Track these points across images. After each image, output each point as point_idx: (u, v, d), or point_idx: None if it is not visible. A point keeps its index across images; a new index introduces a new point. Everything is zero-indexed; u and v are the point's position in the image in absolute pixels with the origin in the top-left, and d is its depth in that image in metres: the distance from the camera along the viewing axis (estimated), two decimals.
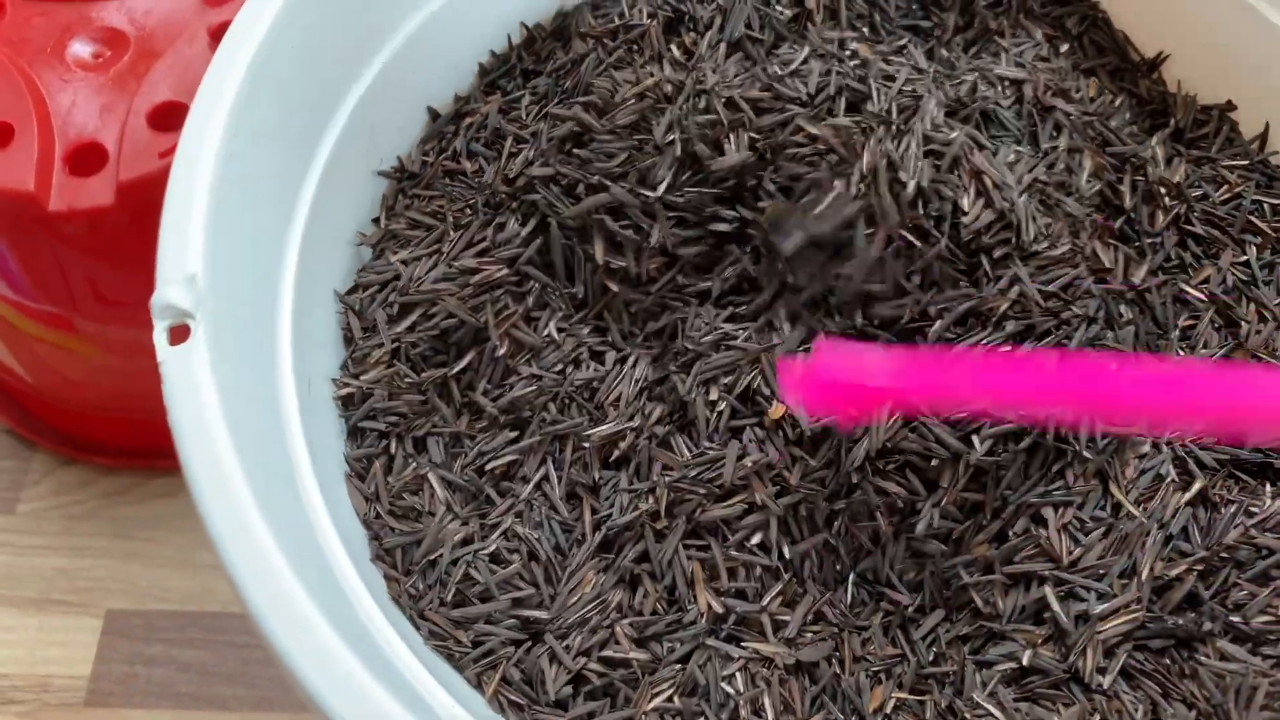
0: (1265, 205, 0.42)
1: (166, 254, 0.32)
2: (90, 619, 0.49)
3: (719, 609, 0.35)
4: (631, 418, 0.38)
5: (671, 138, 0.38)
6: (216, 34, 0.47)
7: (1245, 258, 0.41)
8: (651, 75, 0.41)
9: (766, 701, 0.34)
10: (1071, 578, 0.35)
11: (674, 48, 0.44)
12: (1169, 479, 0.36)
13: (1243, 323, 0.39)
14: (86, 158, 0.45)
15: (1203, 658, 0.34)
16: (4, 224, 0.45)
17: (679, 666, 0.35)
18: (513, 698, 0.35)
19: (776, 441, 0.36)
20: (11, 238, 0.46)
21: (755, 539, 0.36)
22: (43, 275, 0.47)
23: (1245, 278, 0.41)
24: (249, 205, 0.35)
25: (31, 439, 0.54)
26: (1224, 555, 0.35)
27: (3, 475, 0.53)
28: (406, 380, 0.39)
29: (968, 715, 0.34)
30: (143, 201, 0.44)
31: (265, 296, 0.36)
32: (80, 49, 0.47)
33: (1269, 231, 0.41)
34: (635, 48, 0.44)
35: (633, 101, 0.40)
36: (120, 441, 0.54)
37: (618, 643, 0.36)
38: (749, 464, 0.36)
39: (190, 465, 0.30)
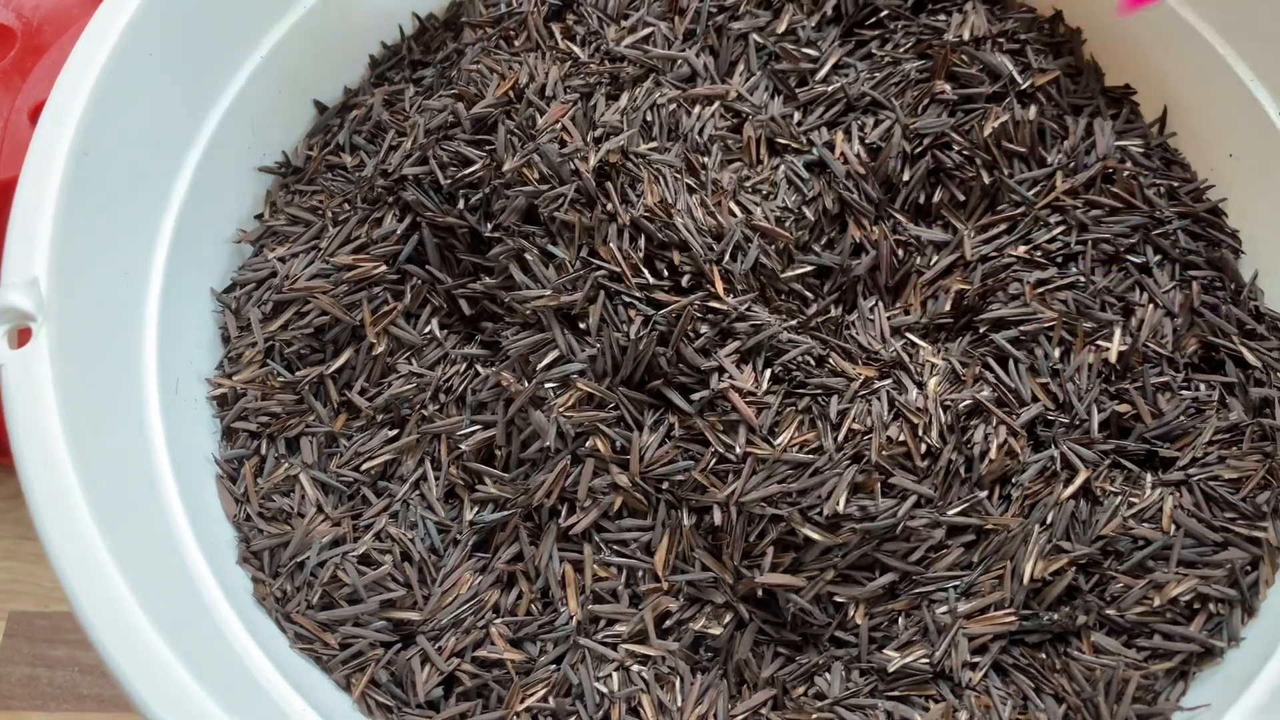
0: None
1: (11, 257, 0.31)
2: None
3: (586, 613, 0.35)
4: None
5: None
6: None
7: None
8: (522, 67, 0.40)
9: (644, 700, 0.34)
10: (940, 577, 0.34)
11: (558, 34, 0.43)
12: (1054, 472, 0.36)
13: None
14: None
15: (1076, 652, 0.34)
16: None
17: (553, 667, 0.35)
18: (380, 699, 0.34)
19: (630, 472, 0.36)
20: None
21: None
22: None
23: None
24: (107, 205, 0.35)
25: None
26: (1104, 548, 0.35)
27: None
28: (280, 380, 0.38)
29: (841, 710, 0.34)
30: None
31: (127, 296, 0.35)
32: None
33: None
34: (514, 35, 0.43)
35: (497, 99, 0.39)
36: None
37: (492, 643, 0.35)
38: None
39: (24, 467, 0.29)
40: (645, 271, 0.37)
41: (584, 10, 0.43)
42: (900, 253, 0.41)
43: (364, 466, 0.38)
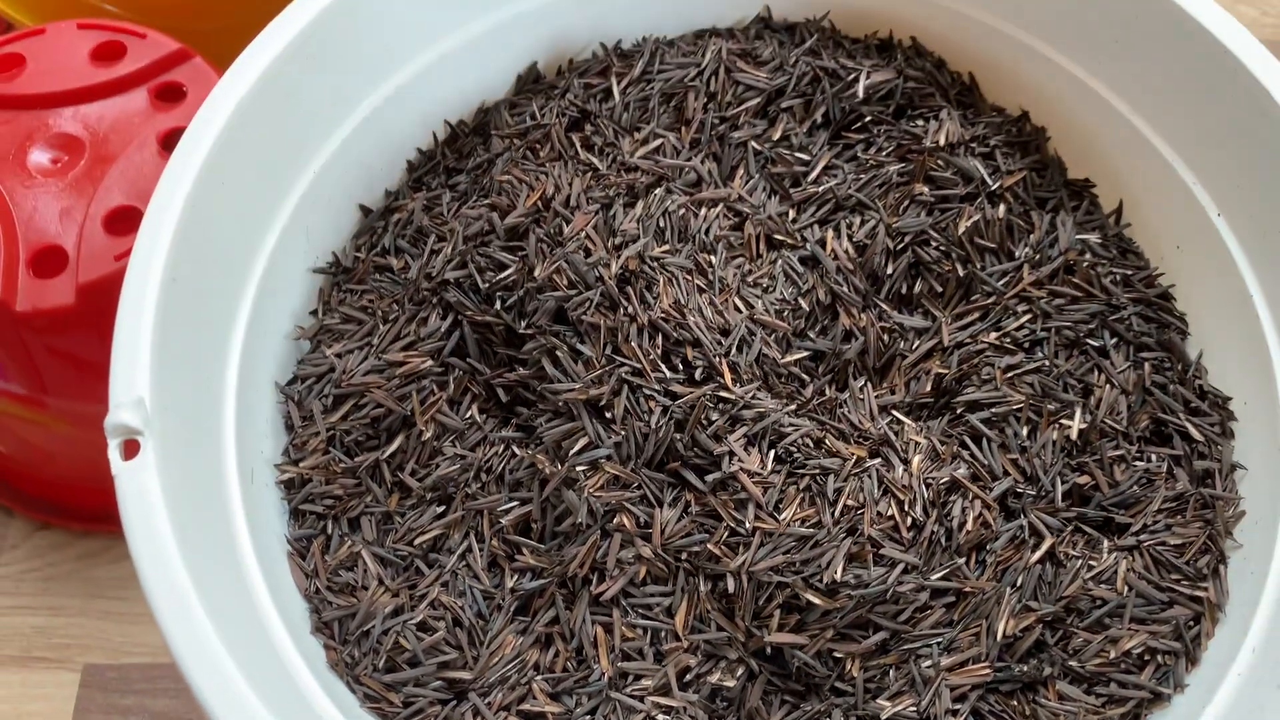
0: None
1: (117, 379, 0.36)
2: (69, 673, 0.54)
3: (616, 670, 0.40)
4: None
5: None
6: (165, 140, 0.51)
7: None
8: (548, 178, 0.45)
9: None
10: (925, 635, 0.39)
11: (578, 145, 0.48)
12: (1023, 539, 0.41)
13: None
14: (48, 260, 0.49)
15: (1043, 699, 0.39)
16: None
17: (588, 718, 0.40)
18: None
19: (653, 544, 0.41)
20: None
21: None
22: (11, 362, 0.52)
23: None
24: (193, 321, 0.40)
25: (8, 506, 0.58)
26: (1066, 607, 0.40)
27: None
28: (341, 466, 0.43)
29: None
30: (101, 300, 0.48)
31: (209, 400, 0.40)
32: (40, 156, 0.51)
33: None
34: (539, 146, 0.48)
35: (528, 209, 0.45)
36: (91, 507, 0.58)
37: (534, 698, 0.40)
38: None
39: (141, 564, 0.34)
40: (663, 366, 0.42)
41: (600, 122, 0.49)
42: (886, 338, 0.46)
43: (416, 541, 0.43)
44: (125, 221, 0.49)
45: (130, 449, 0.36)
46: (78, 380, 0.52)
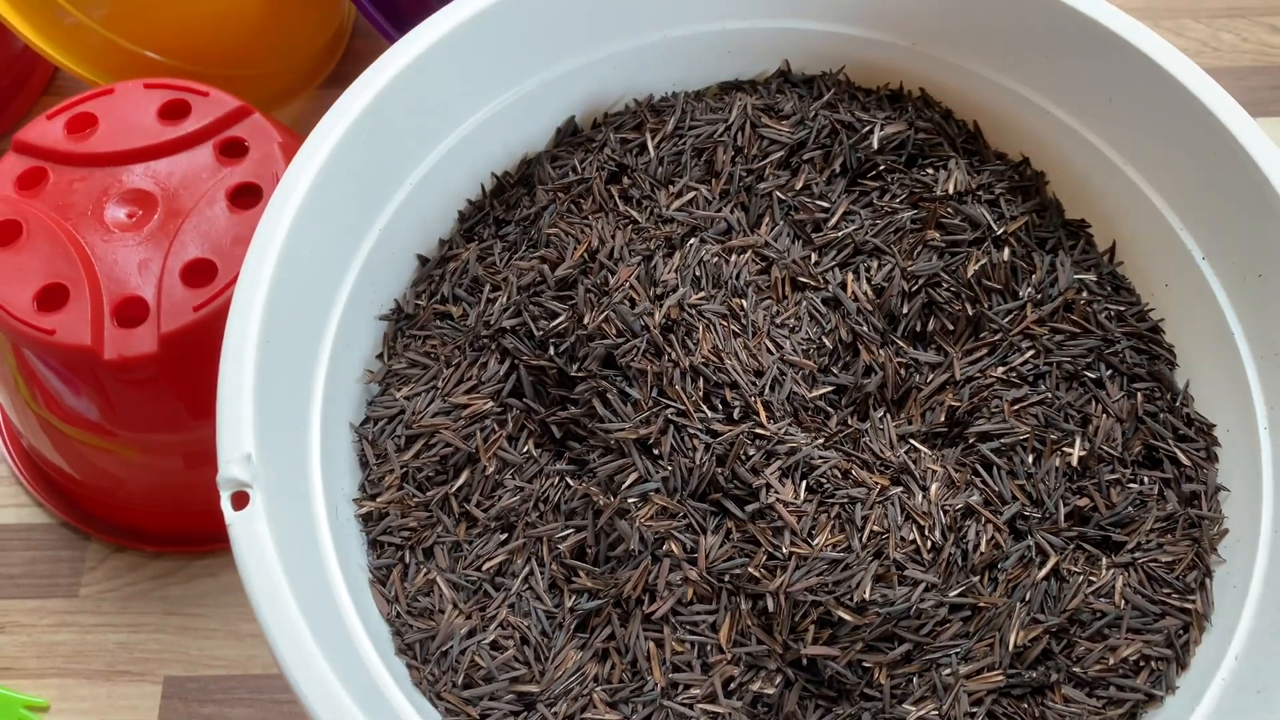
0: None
1: (225, 437, 0.41)
2: (151, 685, 0.58)
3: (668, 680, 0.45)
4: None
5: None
6: (233, 194, 0.55)
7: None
8: (593, 231, 0.50)
9: None
10: (944, 646, 0.44)
11: (616, 197, 0.52)
12: (1030, 558, 0.46)
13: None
14: (130, 310, 0.53)
15: (1050, 702, 0.44)
16: (66, 367, 0.54)
17: None
18: None
19: (699, 568, 0.45)
20: (71, 377, 0.54)
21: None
22: (89, 398, 0.56)
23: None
24: (284, 376, 0.44)
25: (86, 531, 0.62)
26: (1070, 619, 0.45)
27: (64, 564, 0.61)
28: (415, 500, 0.48)
29: None
30: (182, 349, 0.52)
31: (299, 446, 0.45)
32: (115, 211, 0.55)
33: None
34: (582, 199, 0.53)
35: (575, 261, 0.49)
36: (163, 530, 0.62)
37: (595, 707, 0.45)
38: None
39: (259, 605, 0.38)
40: (704, 407, 0.47)
41: (637, 175, 0.53)
42: (902, 372, 0.50)
43: (484, 567, 0.47)
44: (201, 274, 0.53)
45: (239, 499, 0.40)
46: (147, 414, 0.57)
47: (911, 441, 0.49)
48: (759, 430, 0.46)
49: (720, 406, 0.47)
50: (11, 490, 0.64)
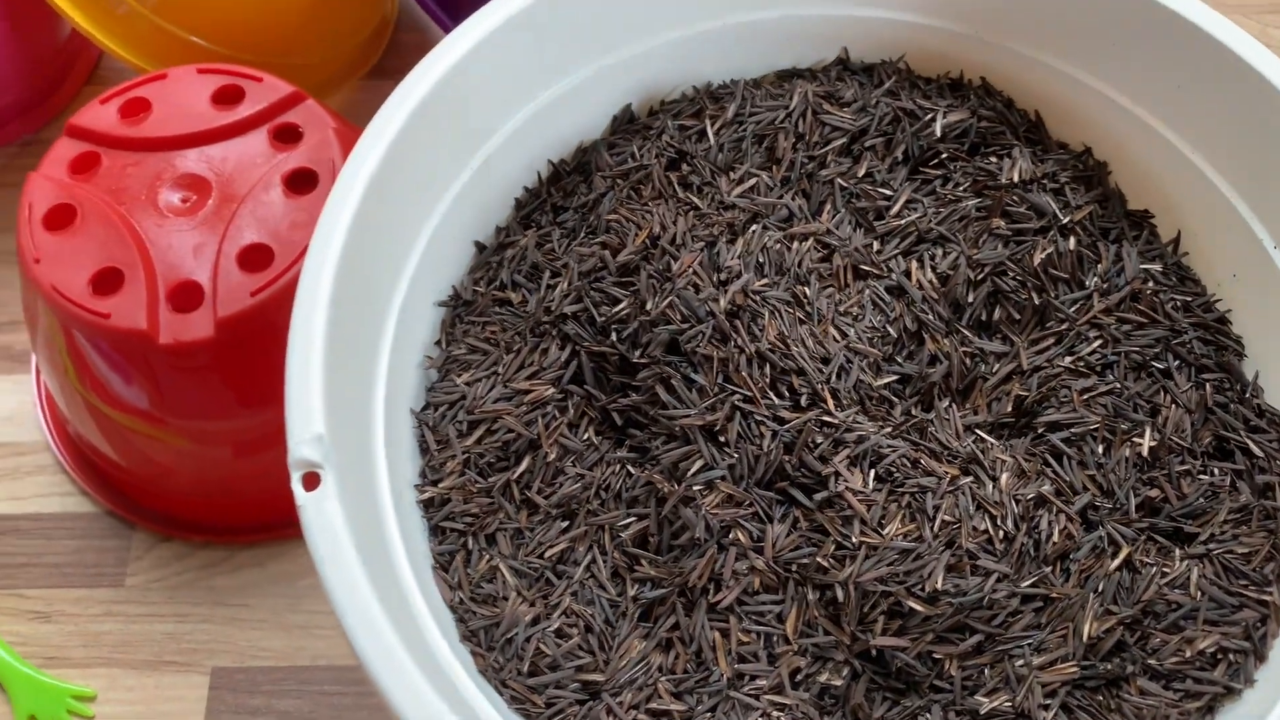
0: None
1: (295, 418, 0.40)
2: (198, 676, 0.58)
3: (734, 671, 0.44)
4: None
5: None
6: (289, 180, 0.55)
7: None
8: (654, 217, 0.49)
9: None
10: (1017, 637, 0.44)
11: (676, 184, 0.52)
12: (1102, 549, 0.45)
13: None
14: (185, 295, 0.52)
15: (1126, 694, 0.43)
16: (121, 351, 0.53)
17: (709, 715, 0.44)
18: None
19: (765, 557, 0.44)
20: (123, 362, 0.54)
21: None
22: (140, 384, 0.55)
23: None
24: (350, 360, 0.43)
25: (132, 520, 0.62)
26: (1144, 610, 0.44)
27: (109, 554, 0.61)
28: (477, 486, 0.47)
29: None
30: (238, 333, 0.52)
31: (364, 431, 0.44)
32: (170, 195, 0.55)
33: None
34: (642, 186, 0.52)
35: (637, 247, 0.48)
36: (209, 520, 0.62)
37: (660, 697, 0.44)
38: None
39: (332, 587, 0.38)
40: (771, 394, 0.46)
41: (697, 162, 0.52)
42: (968, 362, 0.50)
43: (546, 554, 0.47)
44: (258, 259, 0.53)
45: (310, 480, 0.40)
46: (198, 401, 0.56)
47: (978, 432, 0.48)
48: (826, 418, 0.46)
49: (787, 394, 0.46)
50: (57, 479, 0.63)
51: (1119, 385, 0.48)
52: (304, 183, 0.55)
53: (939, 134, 0.53)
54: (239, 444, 0.58)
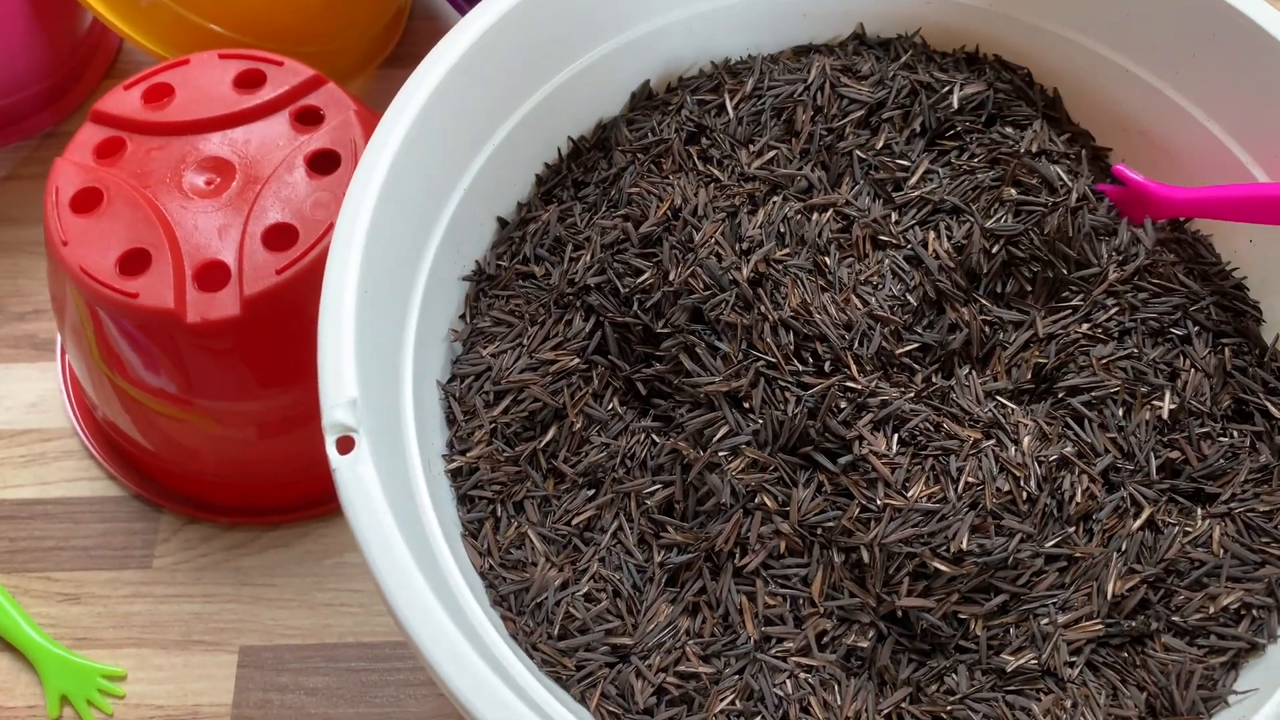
0: None
1: (327, 382, 0.41)
2: (227, 655, 0.58)
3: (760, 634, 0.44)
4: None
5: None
6: (311, 160, 0.55)
7: None
8: (675, 189, 0.50)
9: (813, 701, 0.44)
10: (1042, 596, 0.44)
11: (696, 158, 0.52)
12: (1125, 509, 0.46)
13: None
14: (212, 275, 0.53)
15: (1151, 651, 0.44)
16: (148, 332, 0.54)
17: (736, 677, 0.45)
18: (611, 709, 0.44)
19: (790, 521, 0.45)
20: (149, 344, 0.55)
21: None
22: (167, 365, 0.56)
23: None
24: (379, 329, 0.44)
25: (158, 503, 0.62)
26: (1167, 568, 0.45)
27: (137, 536, 0.61)
28: (504, 455, 0.48)
29: (970, 702, 0.43)
30: (265, 312, 0.52)
31: (394, 399, 0.45)
32: (194, 177, 0.55)
33: None
34: (662, 159, 0.53)
35: (659, 219, 0.49)
36: (235, 502, 0.62)
37: (688, 660, 0.45)
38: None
39: (368, 549, 0.38)
40: (795, 360, 0.46)
41: (716, 136, 0.53)
42: (987, 329, 0.50)
43: (573, 521, 0.47)
44: (283, 238, 0.53)
45: (344, 444, 0.40)
46: (224, 382, 0.57)
47: (999, 398, 0.49)
48: (850, 384, 0.46)
49: (810, 360, 0.47)
50: (84, 464, 0.64)
51: (1137, 351, 0.49)
52: (326, 164, 0.56)
53: (956, 106, 0.54)
54: (264, 425, 0.59)
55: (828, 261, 0.49)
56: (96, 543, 0.62)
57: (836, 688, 0.44)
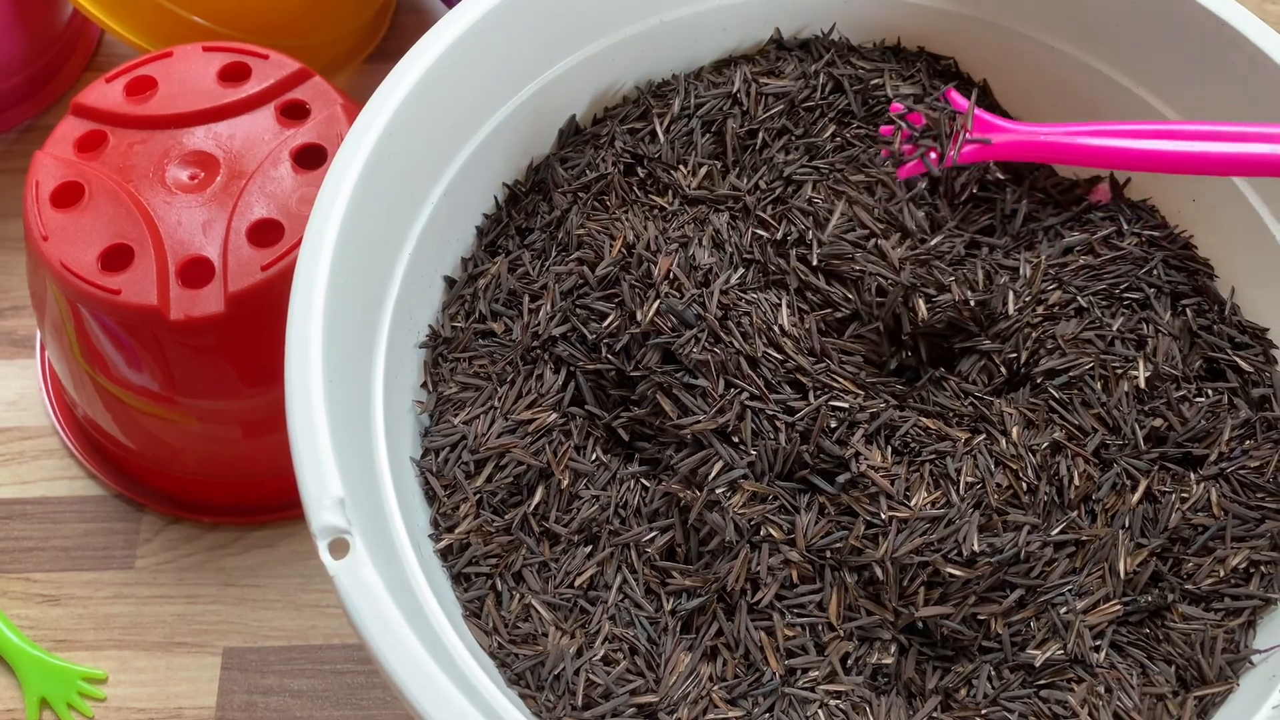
0: None
1: (309, 484, 0.38)
2: (210, 657, 0.56)
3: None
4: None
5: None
6: (296, 155, 0.54)
7: None
8: (625, 225, 0.49)
9: None
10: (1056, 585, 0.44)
11: (637, 189, 0.51)
12: (1121, 484, 0.46)
13: None
14: (195, 271, 0.52)
15: (1170, 622, 0.44)
16: (130, 329, 0.52)
17: (767, 716, 0.44)
18: None
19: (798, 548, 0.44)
20: (131, 341, 0.53)
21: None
22: (149, 363, 0.54)
23: None
24: (349, 418, 0.42)
25: (140, 502, 0.61)
26: (1172, 538, 0.45)
27: (118, 536, 0.60)
28: (495, 525, 0.46)
29: (1004, 702, 0.43)
30: (249, 308, 0.51)
31: (375, 487, 0.43)
32: (177, 172, 0.54)
33: None
34: (605, 195, 0.52)
35: (614, 259, 0.48)
36: (218, 501, 0.61)
37: (716, 707, 0.44)
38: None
39: (383, 654, 0.36)
40: (777, 388, 0.46)
41: (652, 165, 0.52)
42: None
43: (576, 582, 0.46)
44: (268, 233, 0.53)
45: (338, 549, 0.38)
46: (208, 380, 0.55)
47: (976, 393, 0.48)
48: (835, 402, 0.46)
49: (790, 387, 0.46)
50: (64, 463, 0.63)
51: (1101, 320, 0.49)
52: (312, 158, 0.55)
53: (889, 95, 0.53)
54: (248, 424, 0.57)
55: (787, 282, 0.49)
56: (77, 543, 0.60)
57: (869, 709, 0.44)
